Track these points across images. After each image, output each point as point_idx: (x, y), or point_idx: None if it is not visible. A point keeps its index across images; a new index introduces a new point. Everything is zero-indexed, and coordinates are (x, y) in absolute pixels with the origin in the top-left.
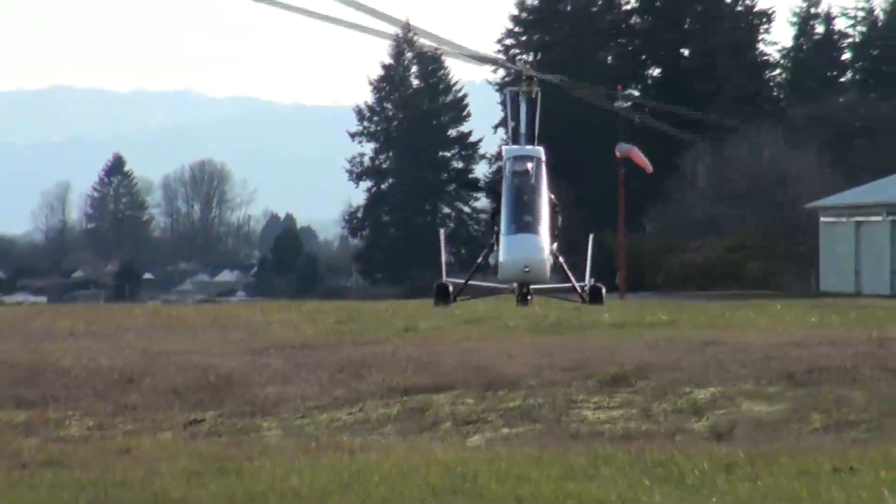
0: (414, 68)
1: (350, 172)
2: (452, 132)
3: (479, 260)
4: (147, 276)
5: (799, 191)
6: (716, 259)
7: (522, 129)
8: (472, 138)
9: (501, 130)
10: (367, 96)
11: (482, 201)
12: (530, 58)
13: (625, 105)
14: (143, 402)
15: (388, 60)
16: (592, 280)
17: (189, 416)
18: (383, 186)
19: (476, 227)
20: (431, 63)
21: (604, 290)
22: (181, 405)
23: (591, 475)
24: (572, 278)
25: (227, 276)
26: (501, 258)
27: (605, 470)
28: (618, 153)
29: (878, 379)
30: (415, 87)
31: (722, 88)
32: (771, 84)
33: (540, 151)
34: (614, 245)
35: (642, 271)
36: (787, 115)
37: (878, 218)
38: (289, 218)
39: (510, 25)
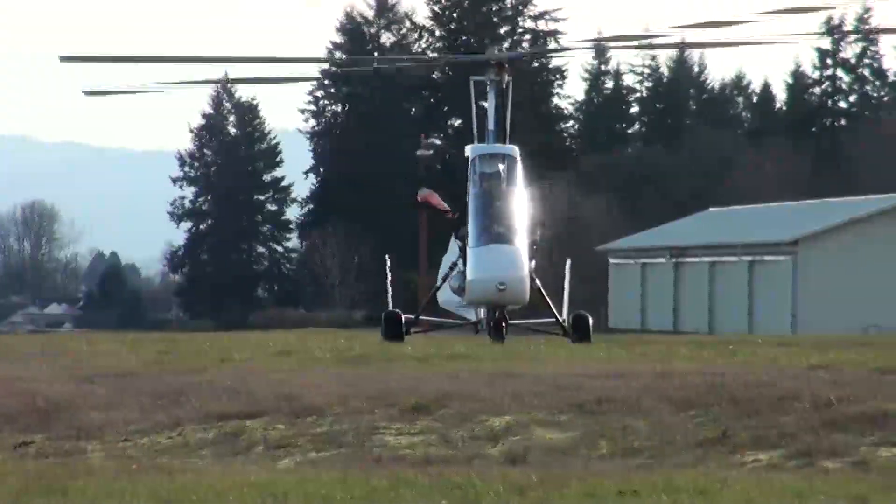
0: (232, 117)
1: (171, 214)
2: (266, 177)
3: (439, 283)
4: None
5: (590, 234)
6: None
7: (491, 125)
8: (285, 182)
9: (311, 175)
10: (187, 143)
11: (294, 241)
12: (339, 108)
13: (427, 153)
14: None
15: (208, 110)
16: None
17: (18, 438)
18: (202, 227)
19: (288, 265)
20: (248, 112)
21: (591, 321)
22: (10, 428)
23: (393, 497)
24: (553, 307)
25: (55, 308)
26: (470, 276)
27: (405, 492)
28: (419, 198)
29: (661, 409)
30: (232, 134)
31: (519, 138)
32: (564, 135)
33: (514, 150)
34: (419, 283)
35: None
36: (579, 163)
37: (663, 260)
38: (114, 255)
39: (320, 78)
